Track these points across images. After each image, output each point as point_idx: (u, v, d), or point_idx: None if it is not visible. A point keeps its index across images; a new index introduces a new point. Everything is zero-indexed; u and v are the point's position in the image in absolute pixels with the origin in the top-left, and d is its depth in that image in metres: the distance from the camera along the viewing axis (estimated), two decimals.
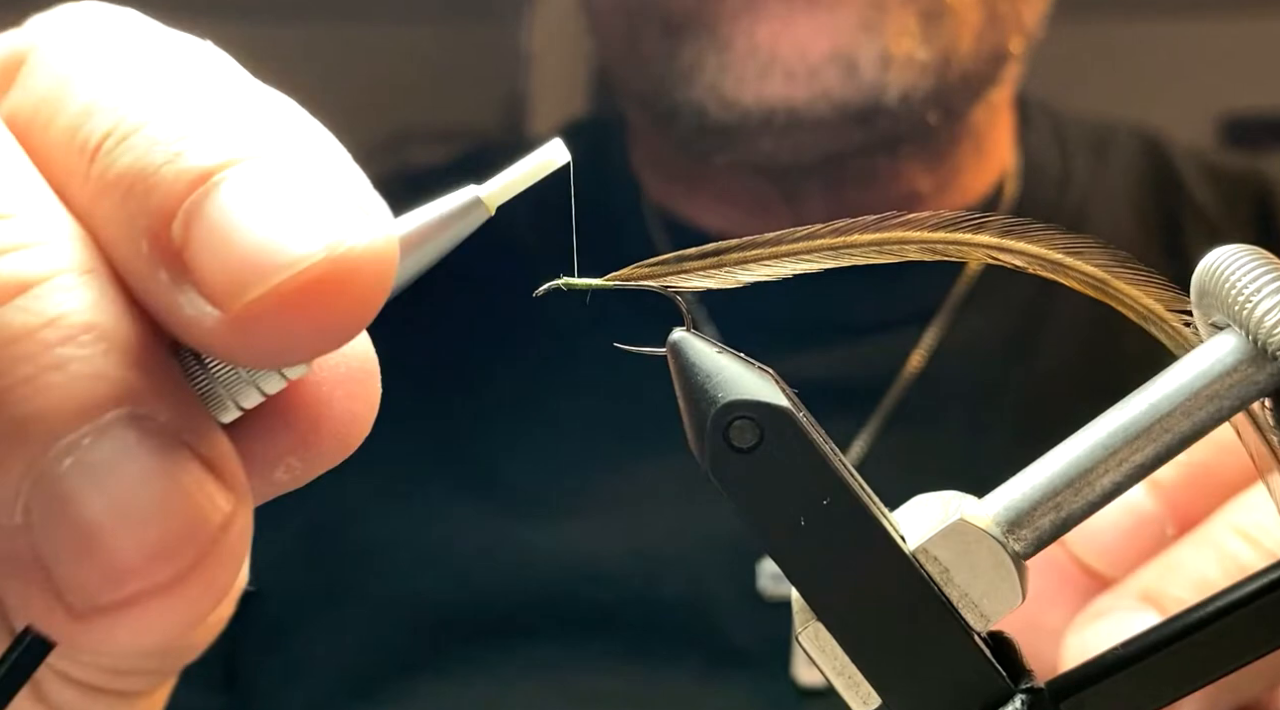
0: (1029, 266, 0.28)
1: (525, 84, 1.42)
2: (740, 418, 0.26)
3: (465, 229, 0.26)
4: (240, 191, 0.22)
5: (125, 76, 0.24)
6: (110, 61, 0.25)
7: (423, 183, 0.80)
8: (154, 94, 0.24)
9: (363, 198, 0.23)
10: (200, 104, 0.24)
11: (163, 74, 0.24)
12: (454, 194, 0.26)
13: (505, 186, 0.27)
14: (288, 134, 0.24)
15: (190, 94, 0.24)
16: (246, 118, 0.24)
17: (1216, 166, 0.74)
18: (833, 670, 0.27)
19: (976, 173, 0.70)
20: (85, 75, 0.25)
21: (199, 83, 0.24)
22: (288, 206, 0.22)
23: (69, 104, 0.24)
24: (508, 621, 0.63)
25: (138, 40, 0.26)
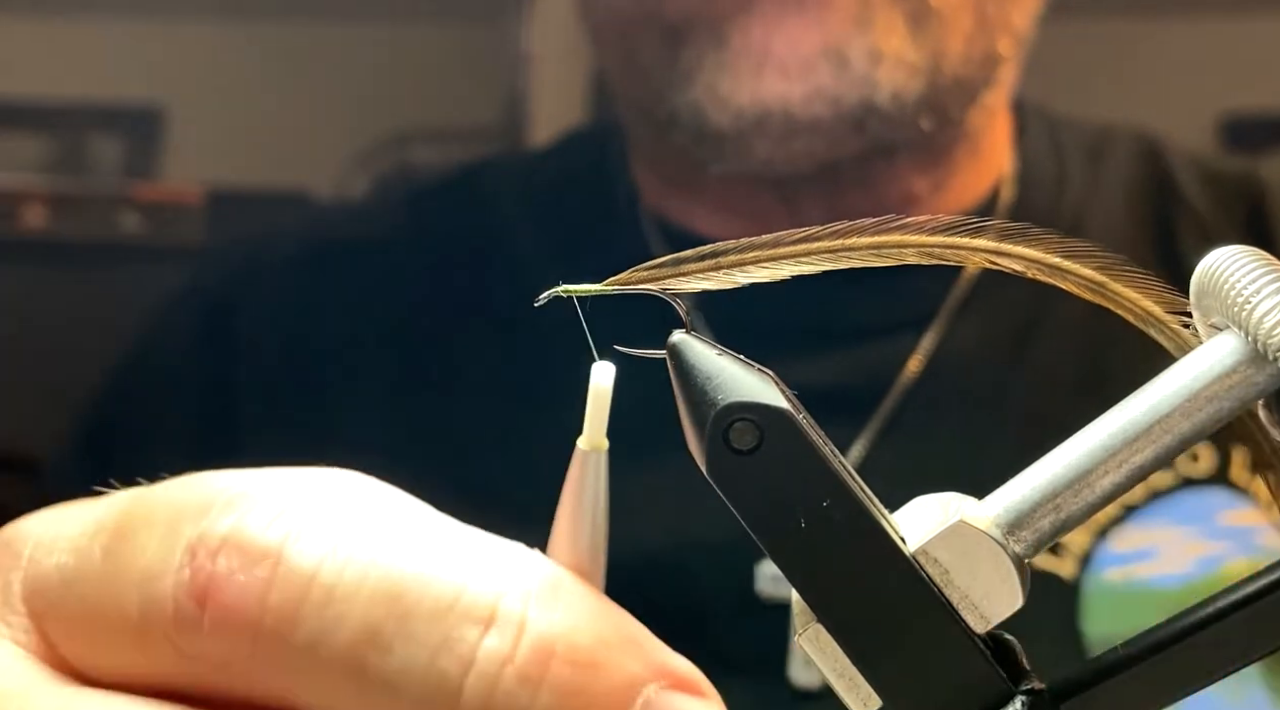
0: (1028, 271, 0.28)
1: (525, 84, 1.42)
2: (740, 419, 0.26)
3: (598, 478, 0.27)
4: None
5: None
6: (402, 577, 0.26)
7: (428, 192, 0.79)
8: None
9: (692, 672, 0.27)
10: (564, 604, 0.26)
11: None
12: (572, 463, 0.28)
13: (593, 429, 0.28)
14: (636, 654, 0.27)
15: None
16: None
17: (1212, 169, 0.74)
18: (833, 672, 0.27)
19: (972, 177, 0.70)
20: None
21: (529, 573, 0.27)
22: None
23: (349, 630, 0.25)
24: None
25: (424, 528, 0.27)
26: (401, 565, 0.26)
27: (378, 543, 0.26)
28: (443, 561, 0.26)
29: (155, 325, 0.77)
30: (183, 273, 0.83)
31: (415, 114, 1.54)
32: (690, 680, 0.27)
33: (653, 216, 0.70)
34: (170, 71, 1.65)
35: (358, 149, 1.54)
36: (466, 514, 0.70)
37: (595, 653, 0.26)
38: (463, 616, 0.25)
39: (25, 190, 1.63)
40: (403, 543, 0.26)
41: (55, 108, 1.72)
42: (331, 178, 1.48)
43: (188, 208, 1.58)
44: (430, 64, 1.56)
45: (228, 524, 0.26)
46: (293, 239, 0.77)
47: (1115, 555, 0.63)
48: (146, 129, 1.73)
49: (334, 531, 0.26)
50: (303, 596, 0.25)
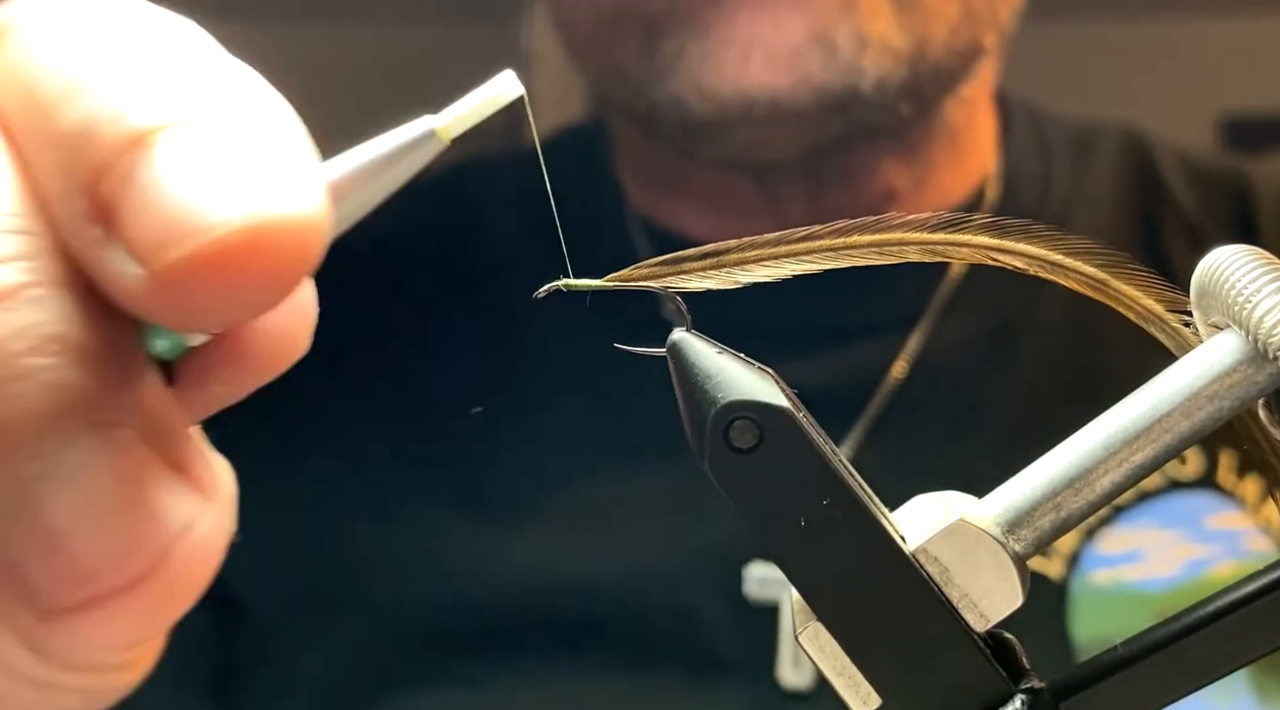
0: (1029, 268, 0.28)
1: (525, 84, 1.42)
2: (740, 418, 0.26)
3: (418, 162, 0.26)
4: (172, 152, 0.23)
5: (86, 40, 0.25)
6: (77, 28, 0.25)
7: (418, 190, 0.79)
8: (109, 55, 0.24)
9: (297, 167, 0.23)
10: (152, 67, 0.24)
11: (121, 38, 0.25)
12: (406, 125, 0.26)
13: (459, 118, 0.26)
14: (236, 102, 0.24)
15: (144, 57, 0.24)
16: (195, 83, 0.24)
17: (1199, 167, 0.73)
18: (832, 670, 0.27)
19: (955, 173, 0.70)
20: (52, 43, 0.25)
21: (157, 47, 0.25)
22: (215, 171, 0.22)
23: (33, 69, 0.25)
24: (495, 634, 0.63)
25: (109, 8, 0.26)
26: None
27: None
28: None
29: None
30: None
31: (415, 114, 1.54)
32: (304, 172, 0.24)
33: (638, 215, 0.70)
34: None
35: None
36: (460, 516, 0.69)
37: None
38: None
39: None
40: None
41: None
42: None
43: None
44: (430, 64, 1.56)
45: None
46: None
47: (1103, 557, 0.63)
48: None
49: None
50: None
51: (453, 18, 1.58)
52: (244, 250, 0.22)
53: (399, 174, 0.26)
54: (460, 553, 0.64)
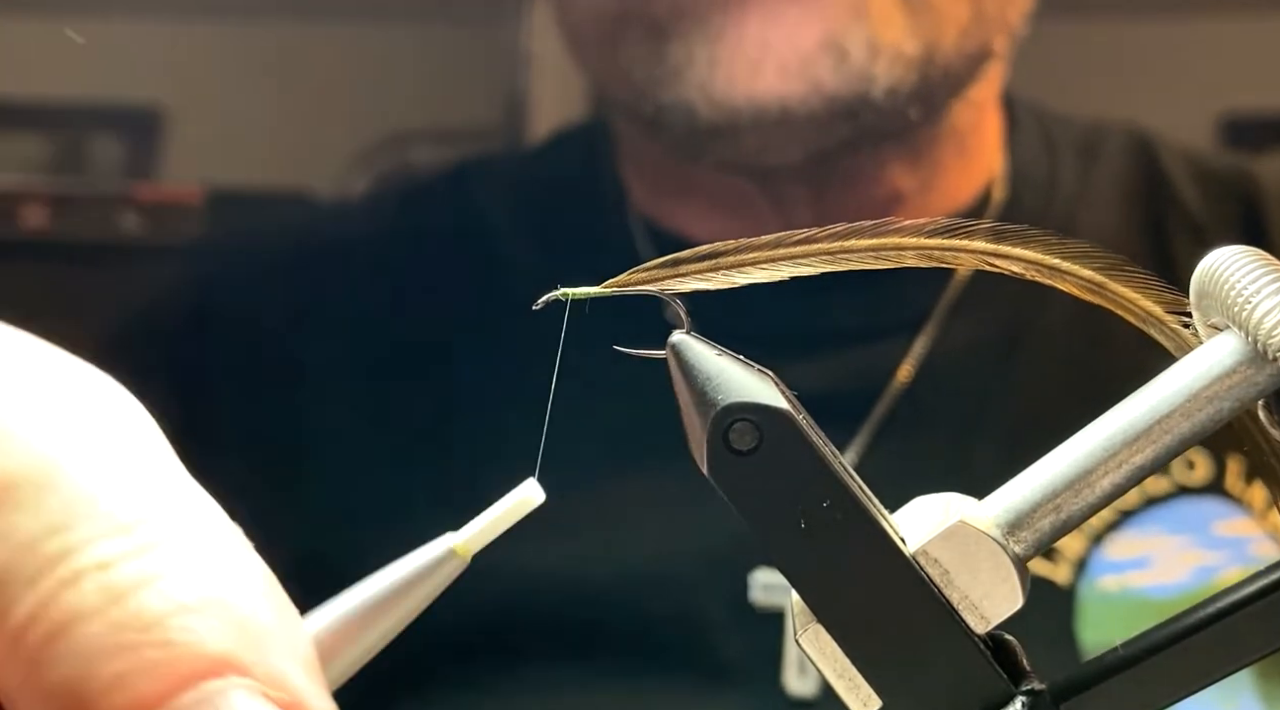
0: (1027, 272, 0.28)
1: (525, 84, 1.42)
2: (740, 420, 0.26)
3: (439, 582, 0.25)
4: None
5: (46, 518, 0.21)
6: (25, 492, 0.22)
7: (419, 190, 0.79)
8: (85, 559, 0.21)
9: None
10: (144, 580, 0.21)
11: (93, 511, 0.22)
12: (425, 548, 0.25)
13: (481, 532, 0.26)
14: (247, 621, 0.22)
15: (131, 559, 0.21)
16: (199, 595, 0.21)
17: (1205, 167, 0.73)
18: (833, 672, 0.27)
19: (961, 175, 0.70)
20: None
21: (139, 532, 0.22)
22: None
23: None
24: (498, 641, 0.63)
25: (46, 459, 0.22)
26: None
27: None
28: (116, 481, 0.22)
29: (143, 320, 0.76)
30: (174, 269, 0.83)
31: (415, 114, 1.54)
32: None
33: (640, 218, 0.70)
34: (170, 71, 1.65)
35: (358, 149, 1.54)
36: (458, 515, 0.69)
37: (192, 610, 0.21)
38: (82, 517, 0.22)
39: (25, 190, 1.63)
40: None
41: (55, 108, 1.72)
42: (331, 178, 1.48)
43: (188, 208, 1.58)
44: (430, 64, 1.56)
45: None
46: (283, 237, 0.77)
47: (1111, 562, 0.63)
48: (146, 129, 1.73)
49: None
50: None
51: (453, 18, 1.58)
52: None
53: (421, 597, 0.25)
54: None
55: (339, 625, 0.24)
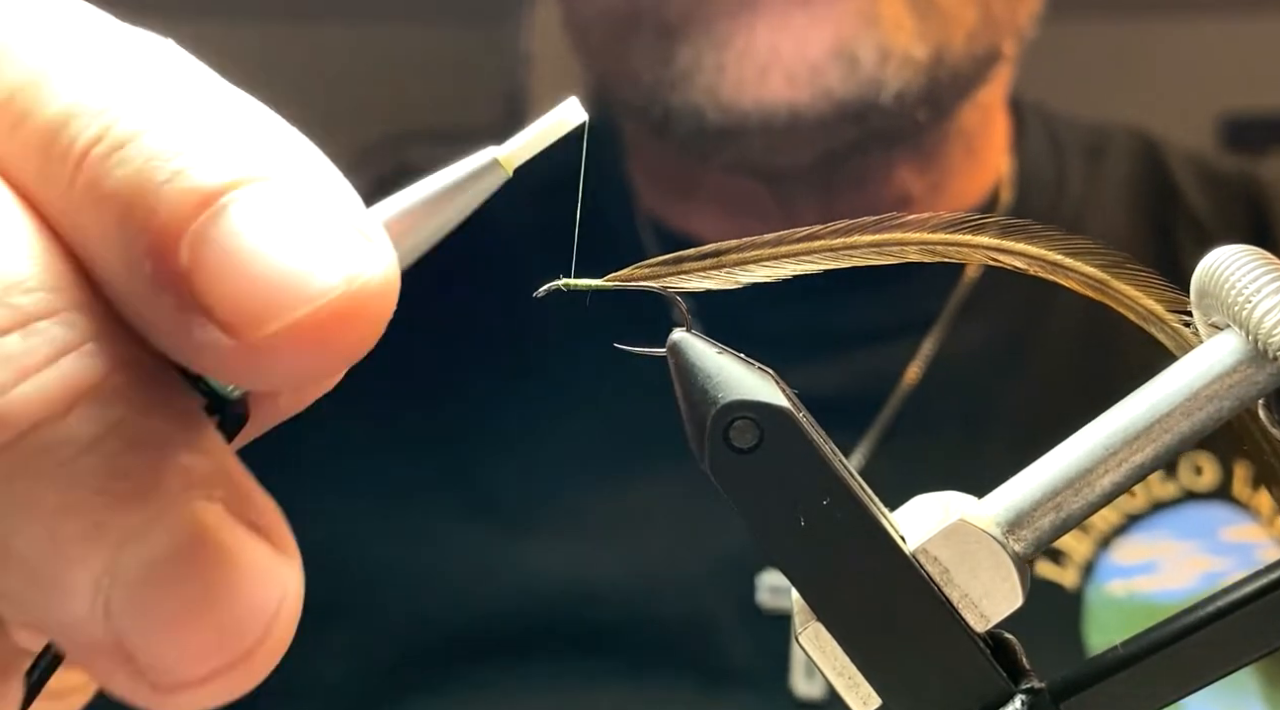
0: (1029, 268, 0.28)
1: (525, 84, 1.42)
2: (740, 418, 0.26)
3: (482, 192, 0.25)
4: (253, 215, 0.21)
5: (110, 76, 0.23)
6: (90, 58, 0.24)
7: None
8: (146, 99, 0.23)
9: (366, 223, 0.23)
10: (198, 114, 0.23)
11: (150, 76, 0.23)
12: (470, 157, 0.25)
13: (524, 146, 0.26)
14: (288, 151, 0.23)
15: (186, 102, 0.23)
16: (247, 132, 0.23)
17: (1211, 170, 0.73)
18: (833, 671, 0.27)
19: (969, 177, 0.69)
20: (63, 71, 0.23)
21: (191, 89, 0.23)
22: (303, 234, 0.22)
23: (46, 101, 0.23)
24: (506, 641, 0.63)
25: (112, 37, 0.24)
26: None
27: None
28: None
29: None
30: None
31: (415, 114, 1.54)
32: (370, 231, 0.23)
33: (648, 217, 0.70)
34: None
35: (358, 149, 1.54)
36: (469, 522, 0.69)
37: (246, 125, 0.23)
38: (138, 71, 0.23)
39: None
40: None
41: None
42: None
43: None
44: (430, 64, 1.56)
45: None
46: None
47: (1118, 567, 0.63)
48: None
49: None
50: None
51: (453, 18, 1.58)
52: (345, 315, 0.21)
53: (463, 206, 0.25)
54: (472, 560, 0.64)
55: (395, 219, 0.25)
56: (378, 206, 0.25)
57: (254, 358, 0.21)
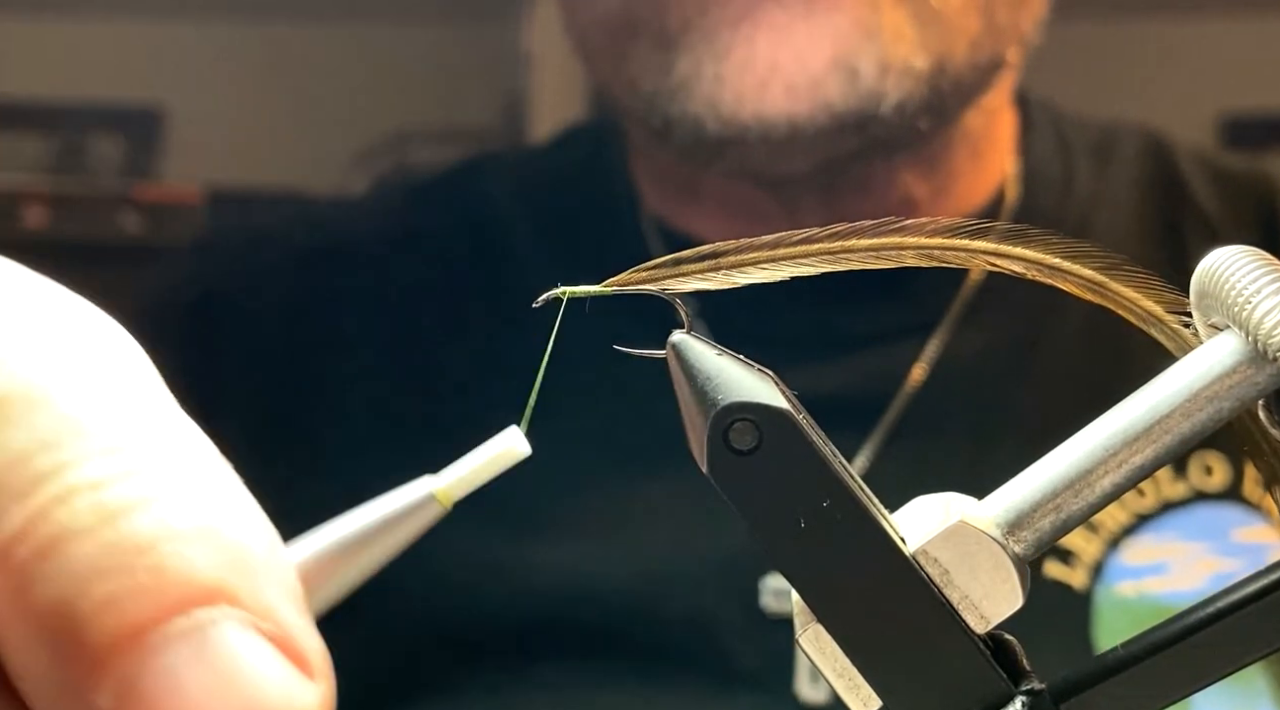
0: (1027, 272, 0.28)
1: (525, 84, 1.42)
2: (740, 419, 0.26)
3: (418, 526, 0.24)
4: (186, 657, 0.20)
5: (30, 431, 0.21)
6: (17, 387, 0.21)
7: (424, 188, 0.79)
8: (69, 478, 0.20)
9: (308, 644, 0.21)
10: (136, 499, 0.21)
11: (80, 432, 0.21)
12: (405, 489, 0.25)
13: (461, 479, 0.25)
14: (230, 542, 0.21)
15: (122, 479, 0.21)
16: (189, 522, 0.21)
17: (1220, 168, 0.73)
18: (833, 672, 0.27)
19: (974, 179, 0.69)
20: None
21: (123, 456, 0.21)
22: (239, 679, 0.20)
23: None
24: (510, 642, 0.63)
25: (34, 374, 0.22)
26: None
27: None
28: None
29: (143, 319, 0.76)
30: (177, 266, 0.83)
31: (415, 114, 1.54)
32: (303, 651, 0.21)
33: (652, 218, 0.70)
34: (170, 71, 1.65)
35: (358, 149, 1.54)
36: (473, 523, 0.69)
37: (183, 536, 0.21)
38: (73, 435, 0.21)
39: (25, 190, 1.63)
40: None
41: (55, 108, 1.72)
42: (331, 178, 1.48)
43: (188, 208, 1.58)
44: (430, 64, 1.56)
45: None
46: (287, 235, 0.76)
47: (1128, 568, 0.63)
48: (146, 129, 1.73)
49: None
50: None
51: (453, 18, 1.58)
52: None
53: (395, 542, 0.24)
54: (476, 561, 0.64)
55: (317, 560, 0.24)
56: (311, 539, 0.24)
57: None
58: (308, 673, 0.21)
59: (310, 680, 0.21)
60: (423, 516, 0.24)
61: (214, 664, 0.20)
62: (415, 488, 0.25)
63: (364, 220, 0.76)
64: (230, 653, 0.20)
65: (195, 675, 0.20)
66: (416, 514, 0.24)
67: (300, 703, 0.21)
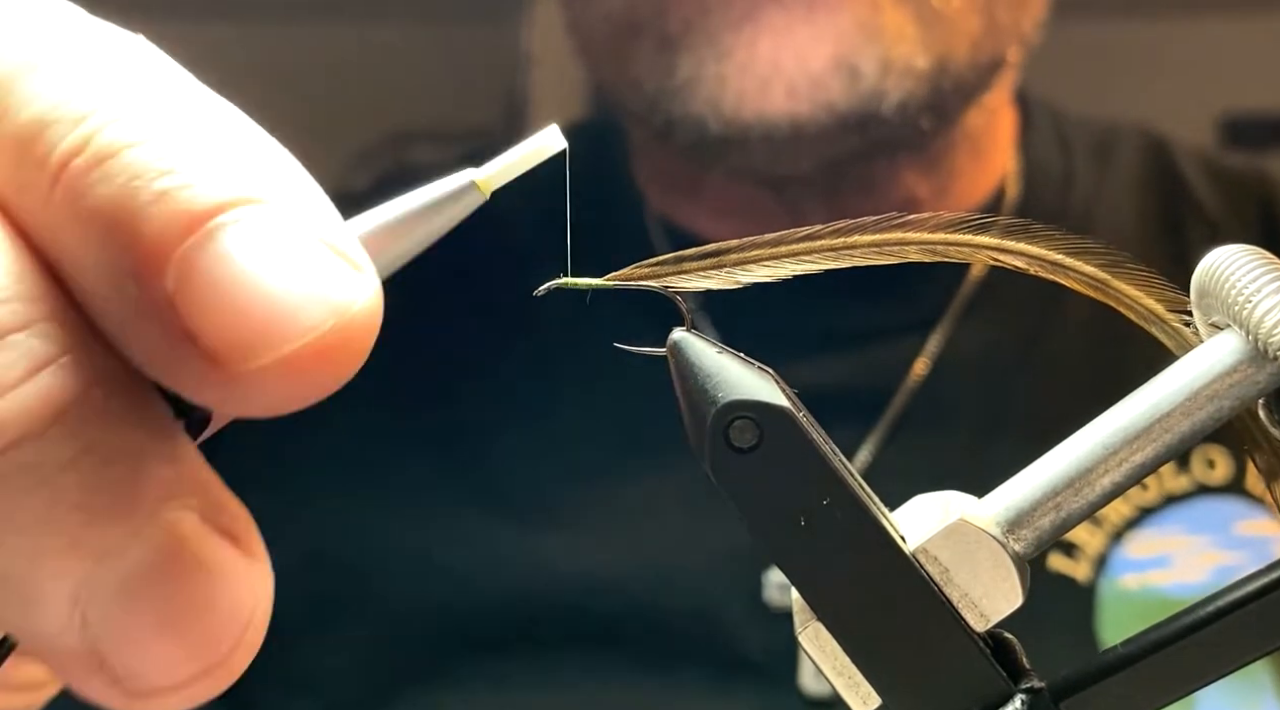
0: (1029, 268, 0.28)
1: (525, 84, 1.42)
2: (740, 417, 0.26)
3: (459, 214, 0.25)
4: (242, 241, 0.21)
5: (91, 80, 0.22)
6: (70, 59, 0.23)
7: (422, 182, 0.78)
8: (128, 108, 0.22)
9: (353, 249, 0.22)
10: (183, 126, 0.22)
11: (133, 83, 0.23)
12: (448, 178, 0.25)
13: (501, 170, 0.26)
14: (273, 169, 0.22)
15: (170, 112, 0.22)
16: (231, 147, 0.22)
17: (1220, 167, 0.73)
18: (832, 670, 0.27)
19: (975, 177, 0.69)
20: (40, 71, 0.22)
21: (175, 99, 0.23)
22: (293, 263, 0.21)
23: (21, 103, 0.22)
24: (514, 633, 0.63)
25: (92, 37, 0.24)
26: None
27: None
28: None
29: None
30: None
31: (415, 114, 1.54)
32: (352, 253, 0.22)
33: (657, 216, 0.70)
34: None
35: (358, 149, 1.54)
36: (478, 514, 0.69)
37: (234, 146, 0.22)
38: (120, 77, 0.22)
39: None
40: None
41: None
42: (331, 178, 1.48)
43: None
44: (430, 64, 1.56)
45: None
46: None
47: (1131, 561, 0.63)
48: None
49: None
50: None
51: (453, 18, 1.58)
52: (332, 348, 0.21)
53: (438, 226, 0.25)
54: (481, 553, 0.64)
55: (367, 236, 0.25)
56: (356, 220, 0.25)
57: (237, 387, 0.21)
58: (358, 269, 0.22)
59: (361, 275, 0.22)
60: (465, 202, 0.25)
61: (268, 248, 0.21)
62: (458, 176, 0.25)
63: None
64: (283, 238, 0.21)
65: (251, 256, 0.21)
66: (459, 199, 0.25)
67: (351, 288, 0.22)
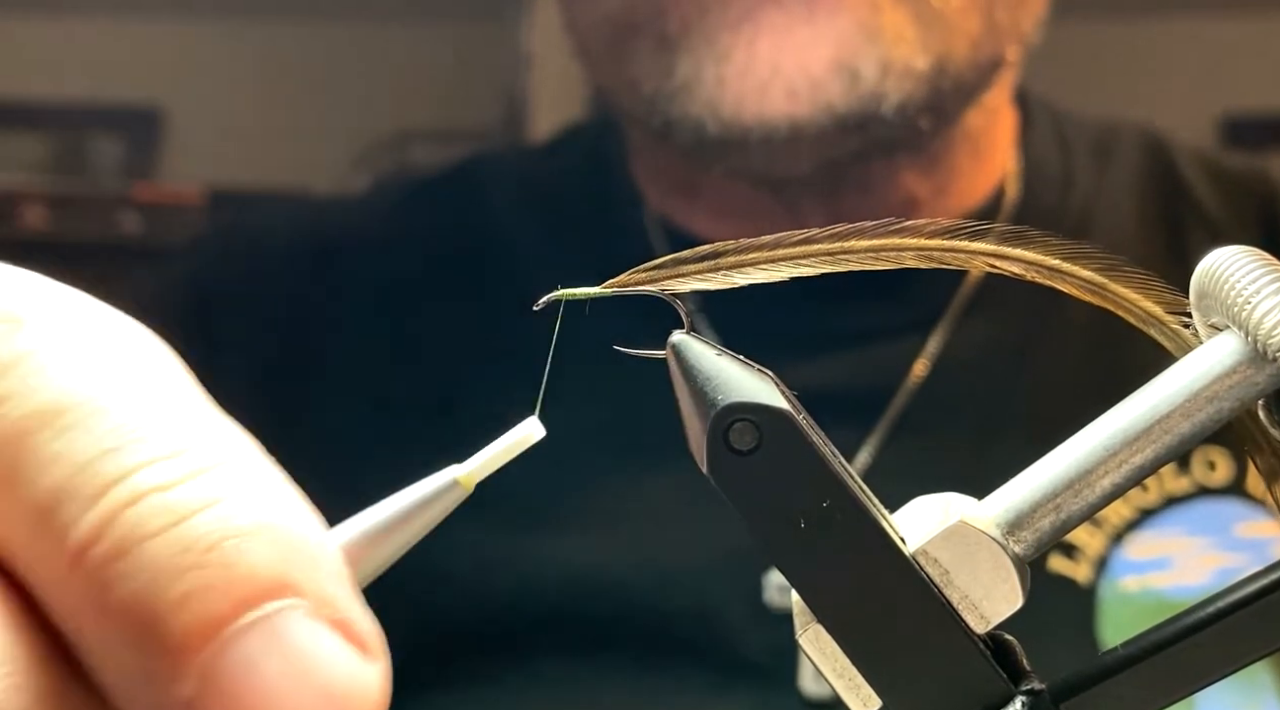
0: (1027, 273, 0.28)
1: (525, 84, 1.42)
2: (739, 420, 0.26)
3: (444, 509, 0.26)
4: (263, 649, 0.21)
5: (107, 435, 0.22)
6: (95, 407, 0.22)
7: (424, 186, 0.79)
8: (145, 476, 0.22)
9: (361, 624, 0.23)
10: (204, 494, 0.22)
11: (149, 429, 0.22)
12: (431, 477, 0.26)
13: (483, 464, 0.27)
14: (290, 537, 0.22)
15: (189, 475, 0.22)
16: (253, 518, 0.22)
17: (1220, 167, 0.73)
18: (833, 672, 0.27)
19: (975, 177, 0.69)
20: (62, 423, 0.22)
21: (192, 450, 0.22)
22: (309, 667, 0.22)
23: (36, 467, 0.22)
24: (513, 636, 0.63)
25: (111, 365, 0.23)
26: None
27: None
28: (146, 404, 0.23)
29: (142, 318, 0.75)
30: (179, 265, 0.83)
31: (415, 114, 1.54)
32: (361, 634, 0.23)
33: (656, 217, 0.70)
34: (170, 71, 1.65)
35: (358, 149, 1.54)
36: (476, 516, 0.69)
37: (248, 533, 0.22)
38: (135, 441, 0.22)
39: (25, 190, 1.64)
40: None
41: (55, 108, 1.72)
42: (331, 178, 1.48)
43: (188, 208, 1.59)
44: (430, 64, 1.56)
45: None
46: (287, 234, 0.76)
47: (1132, 563, 0.63)
48: (146, 129, 1.73)
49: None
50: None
51: (453, 18, 1.58)
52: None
53: (423, 524, 0.26)
54: (479, 554, 0.64)
55: (356, 544, 0.26)
56: (343, 527, 0.26)
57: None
58: (367, 652, 0.23)
59: (370, 659, 0.23)
60: (448, 499, 0.27)
61: (286, 652, 0.21)
62: (441, 475, 0.27)
63: (364, 219, 0.76)
64: (300, 640, 0.22)
65: (270, 663, 0.21)
66: (442, 497, 0.26)
67: (364, 680, 0.22)
